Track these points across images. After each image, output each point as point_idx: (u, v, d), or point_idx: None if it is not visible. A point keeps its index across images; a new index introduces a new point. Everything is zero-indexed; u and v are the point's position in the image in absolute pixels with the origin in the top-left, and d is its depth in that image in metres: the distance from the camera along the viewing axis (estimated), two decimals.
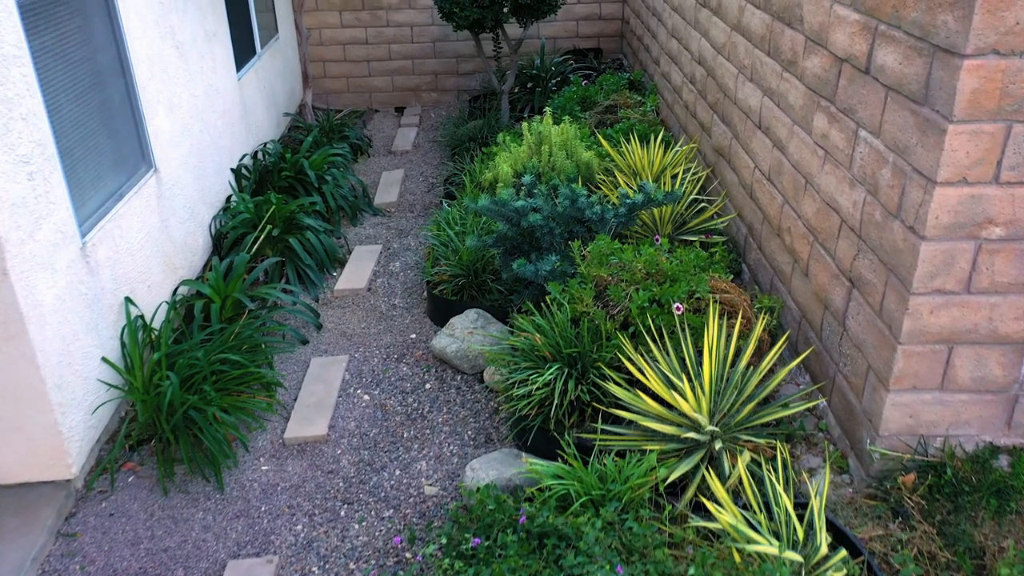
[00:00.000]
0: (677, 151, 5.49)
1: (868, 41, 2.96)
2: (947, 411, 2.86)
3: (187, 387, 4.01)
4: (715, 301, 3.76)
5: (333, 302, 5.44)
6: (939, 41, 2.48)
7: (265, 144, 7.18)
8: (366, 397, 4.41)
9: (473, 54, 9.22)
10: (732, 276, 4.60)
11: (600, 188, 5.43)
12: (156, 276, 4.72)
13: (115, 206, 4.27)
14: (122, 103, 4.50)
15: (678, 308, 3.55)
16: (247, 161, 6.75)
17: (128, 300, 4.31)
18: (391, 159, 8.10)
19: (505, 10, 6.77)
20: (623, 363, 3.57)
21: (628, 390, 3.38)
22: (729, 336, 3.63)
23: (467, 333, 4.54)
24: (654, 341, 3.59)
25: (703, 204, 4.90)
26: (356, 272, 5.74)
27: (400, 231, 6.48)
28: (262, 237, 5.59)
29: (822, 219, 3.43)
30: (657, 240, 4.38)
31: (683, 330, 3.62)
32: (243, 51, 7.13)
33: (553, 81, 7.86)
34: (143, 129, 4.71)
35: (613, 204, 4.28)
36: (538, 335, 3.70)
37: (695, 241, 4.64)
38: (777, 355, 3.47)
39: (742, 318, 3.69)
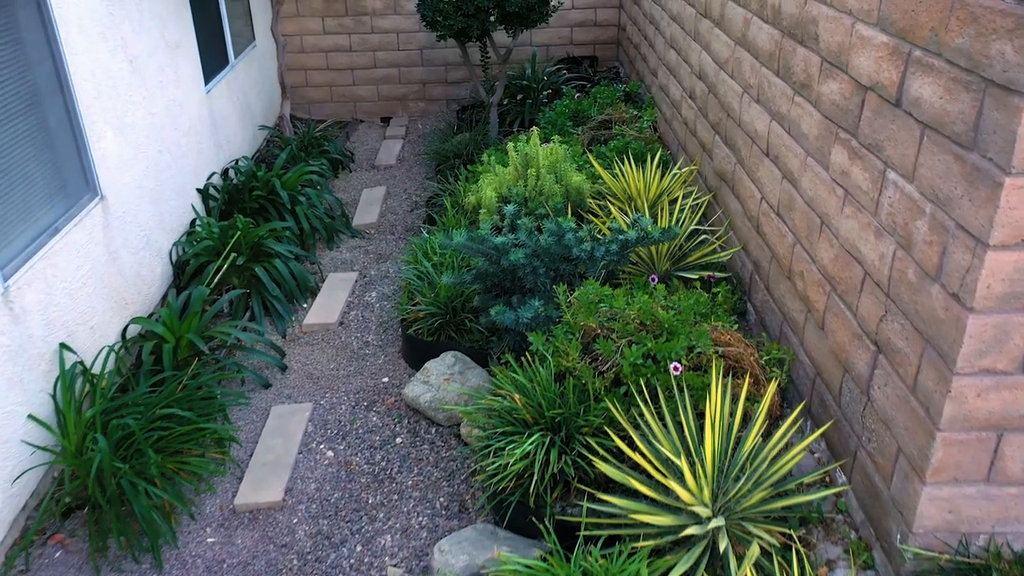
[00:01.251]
0: (675, 174, 5.05)
1: (899, 68, 2.53)
2: (994, 506, 2.43)
3: (126, 446, 3.57)
4: (718, 355, 3.32)
5: (301, 338, 5.00)
6: (993, 75, 2.04)
7: (237, 161, 6.73)
8: (330, 453, 3.97)
9: (462, 62, 8.78)
10: (736, 317, 4.16)
11: (591, 216, 4.99)
12: (101, 315, 4.27)
13: (49, 242, 3.83)
14: (60, 126, 4.06)
15: (676, 368, 3.11)
16: (216, 180, 6.31)
17: (64, 347, 3.86)
18: (373, 175, 7.66)
19: (492, 19, 6.33)
20: (613, 430, 3.13)
21: (618, 467, 2.94)
22: (735, 397, 3.19)
23: (443, 380, 4.10)
24: (648, 403, 3.15)
25: (704, 236, 4.46)
26: (328, 304, 5.29)
27: (379, 256, 6.04)
28: (226, 266, 5.15)
29: (841, 268, 2.99)
30: (653, 280, 3.94)
31: (681, 390, 3.18)
32: (213, 61, 6.69)
33: (545, 93, 7.42)
34: (86, 154, 4.26)
35: (605, 239, 3.84)
36: (518, 395, 3.26)
37: (695, 280, 4.19)
38: (791, 426, 3.03)
39: (750, 376, 3.25)
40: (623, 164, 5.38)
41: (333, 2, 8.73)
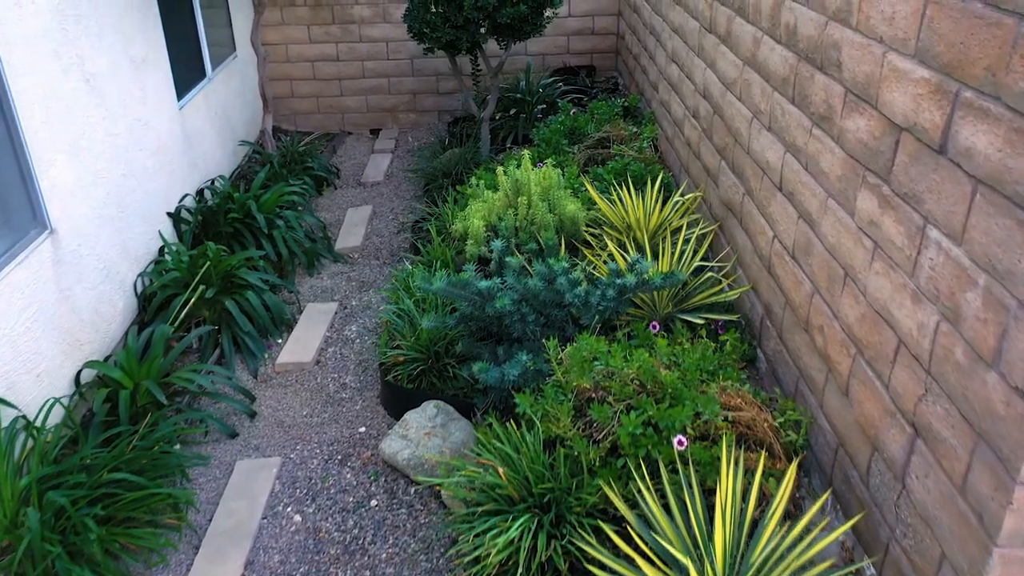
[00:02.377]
0: (678, 202, 4.68)
1: (943, 110, 2.16)
2: None
3: (67, 517, 3.20)
4: (727, 421, 2.95)
5: (274, 379, 4.62)
6: None
7: (214, 180, 6.36)
8: (297, 518, 3.59)
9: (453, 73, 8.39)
10: (745, 363, 3.79)
11: (586, 248, 4.61)
12: (50, 361, 3.90)
13: None
14: (0, 155, 3.69)
15: (680, 442, 2.74)
16: (190, 202, 5.93)
17: (1, 402, 3.49)
18: (360, 192, 7.29)
19: (483, 31, 5.96)
20: (609, 509, 2.77)
21: (614, 560, 2.57)
22: (748, 469, 2.83)
23: (423, 435, 3.72)
24: (648, 479, 2.78)
25: (709, 273, 4.08)
26: (304, 339, 4.92)
27: (361, 283, 5.67)
28: (194, 299, 4.78)
29: (869, 330, 2.62)
30: (654, 328, 3.57)
31: (687, 463, 2.81)
32: (188, 74, 6.32)
33: (539, 108, 7.04)
34: (33, 184, 3.89)
35: (601, 283, 3.47)
36: (502, 468, 2.89)
37: (700, 326, 3.82)
38: (812, 503, 2.66)
39: (765, 450, 2.88)
40: (621, 189, 5.01)
41: (319, 10, 8.36)
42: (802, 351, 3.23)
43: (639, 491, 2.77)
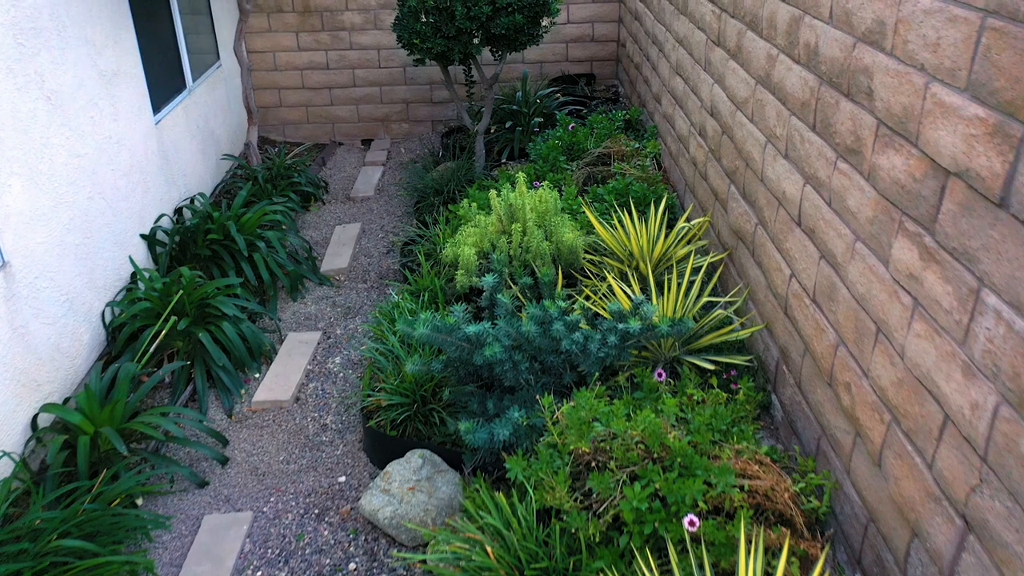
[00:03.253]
0: (684, 228, 4.36)
1: (1004, 157, 1.84)
2: None
3: None
4: (744, 491, 2.63)
5: (249, 419, 4.30)
6: None
7: (193, 199, 6.03)
8: None
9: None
10: (760, 410, 3.47)
11: (584, 278, 4.29)
12: (2, 406, 3.58)
13: None
14: None
15: (692, 523, 2.42)
16: (166, 223, 5.61)
17: None
18: (349, 208, 6.96)
19: (476, 41, 5.64)
20: None
21: None
22: (768, 550, 2.51)
23: (407, 490, 3.40)
24: (652, 561, 2.46)
25: (719, 311, 3.76)
26: (283, 374, 4.60)
27: (347, 309, 5.35)
28: (165, 331, 4.46)
29: (908, 399, 2.30)
30: (660, 377, 3.25)
31: (697, 542, 2.50)
32: (167, 86, 5.99)
33: (536, 120, 6.72)
34: None
35: (602, 324, 3.15)
36: (490, 547, 2.57)
37: (710, 372, 3.50)
38: None
39: (788, 528, 2.56)
40: (623, 212, 4.69)
41: (308, 16, 8.04)
42: (825, 407, 2.91)
43: (644, 575, 2.45)
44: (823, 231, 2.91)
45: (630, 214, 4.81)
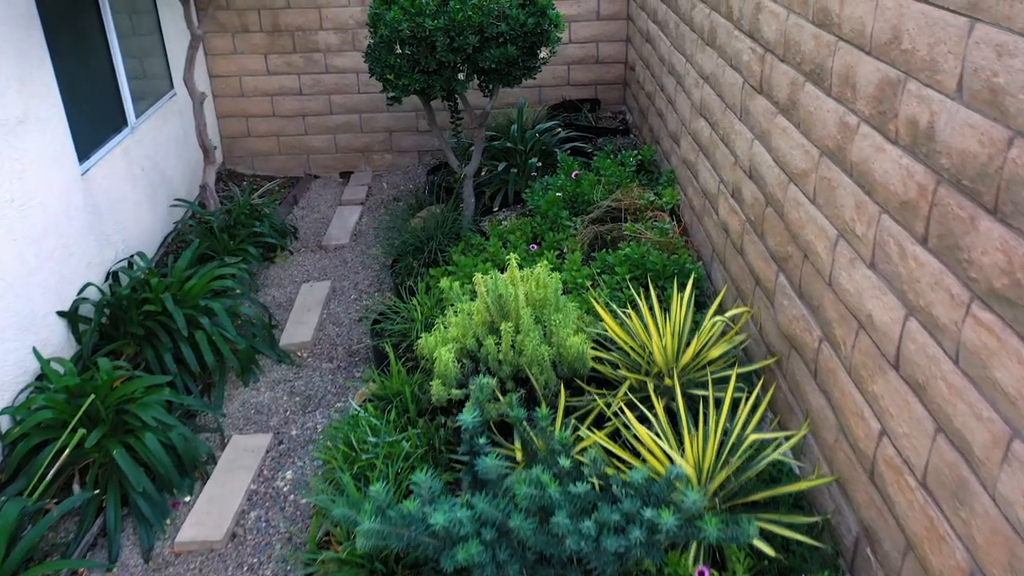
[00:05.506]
0: (717, 324, 3.46)
1: None
2: None
3: None
4: None
5: (171, 565, 3.42)
6: None
7: (131, 262, 5.13)
8: None
9: (438, 107, 7.18)
10: None
11: (590, 389, 3.40)
12: None
13: None
14: None
15: None
16: (93, 293, 4.72)
17: None
18: (319, 259, 6.08)
19: (461, 76, 4.75)
20: None
21: None
22: None
23: None
24: None
25: (770, 451, 2.86)
26: (220, 498, 3.72)
27: (307, 399, 4.46)
28: (71, 446, 3.58)
29: None
30: (703, 575, 2.36)
31: None
32: (100, 126, 5.11)
33: (534, 161, 5.82)
34: None
35: (620, 501, 2.27)
36: None
37: (768, 555, 2.60)
38: None
39: None
40: (638, 294, 3.81)
41: (278, 37, 7.15)
42: None
43: None
44: (944, 399, 2.02)
45: (648, 296, 3.93)
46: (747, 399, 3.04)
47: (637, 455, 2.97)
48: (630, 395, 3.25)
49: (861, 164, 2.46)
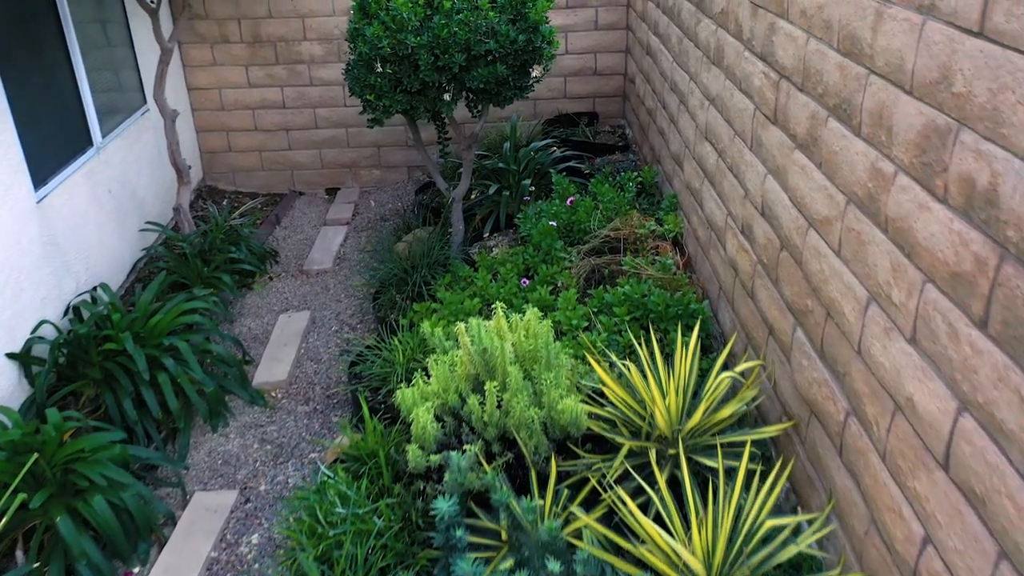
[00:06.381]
0: (722, 378, 3.10)
1: None
2: None
3: None
4: None
5: None
6: None
7: (93, 296, 4.78)
8: None
9: (425, 124, 6.80)
10: None
11: (585, 452, 3.05)
12: None
13: None
14: None
15: None
16: (48, 331, 4.37)
17: None
18: (300, 285, 5.72)
19: (447, 97, 4.40)
20: None
21: None
22: None
23: None
24: None
25: (798, 549, 2.50)
26: (174, 570, 3.37)
27: (279, 448, 4.11)
28: (11, 511, 3.22)
29: None
30: None
31: None
32: (59, 148, 4.76)
33: (527, 184, 5.47)
34: None
35: None
36: None
37: None
38: None
39: None
40: (638, 341, 3.46)
41: (260, 48, 6.80)
42: None
43: None
44: (1010, 521, 1.66)
45: (648, 341, 3.58)
46: (761, 473, 2.69)
47: (638, 537, 2.62)
48: (627, 464, 2.90)
49: (899, 221, 2.11)
